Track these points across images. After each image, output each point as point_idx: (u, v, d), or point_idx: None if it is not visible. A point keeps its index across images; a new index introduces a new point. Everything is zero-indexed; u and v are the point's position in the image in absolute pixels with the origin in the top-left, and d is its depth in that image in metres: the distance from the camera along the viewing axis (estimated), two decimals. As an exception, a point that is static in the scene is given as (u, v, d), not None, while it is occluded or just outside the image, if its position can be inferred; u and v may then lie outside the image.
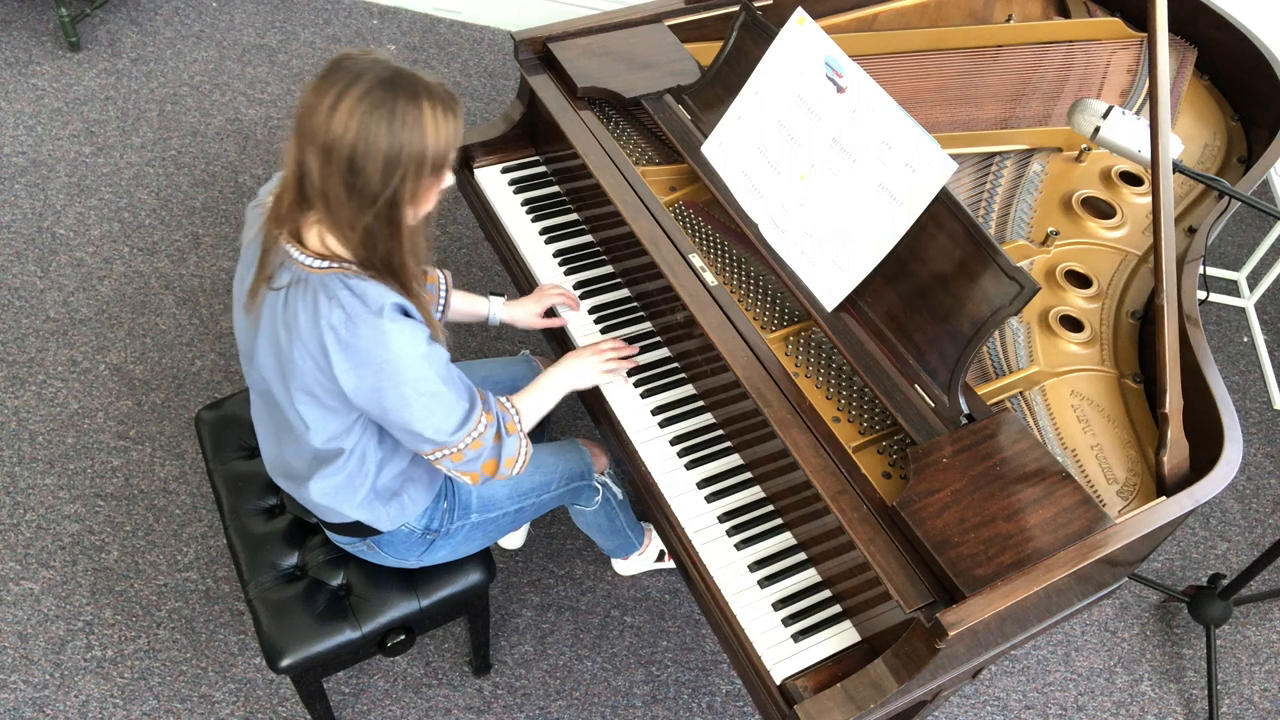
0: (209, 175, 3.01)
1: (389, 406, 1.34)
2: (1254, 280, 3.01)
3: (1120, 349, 1.71)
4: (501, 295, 1.86)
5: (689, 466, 1.67)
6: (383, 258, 1.30)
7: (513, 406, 1.55)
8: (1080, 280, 1.79)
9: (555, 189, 2.07)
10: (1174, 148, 1.71)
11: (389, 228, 1.27)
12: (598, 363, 1.71)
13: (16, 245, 2.77)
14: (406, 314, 1.33)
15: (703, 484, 1.65)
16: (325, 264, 1.30)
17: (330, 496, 1.50)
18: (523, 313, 1.83)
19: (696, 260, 1.70)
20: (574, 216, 2.03)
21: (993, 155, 1.97)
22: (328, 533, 1.68)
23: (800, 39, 1.61)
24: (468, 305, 1.82)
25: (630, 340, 1.82)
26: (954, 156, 1.42)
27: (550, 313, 1.86)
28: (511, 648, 2.17)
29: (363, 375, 1.31)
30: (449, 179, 1.32)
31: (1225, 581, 2.23)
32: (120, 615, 2.14)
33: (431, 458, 1.44)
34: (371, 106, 1.19)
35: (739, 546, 1.58)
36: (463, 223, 2.93)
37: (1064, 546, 1.33)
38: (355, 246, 1.29)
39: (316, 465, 1.47)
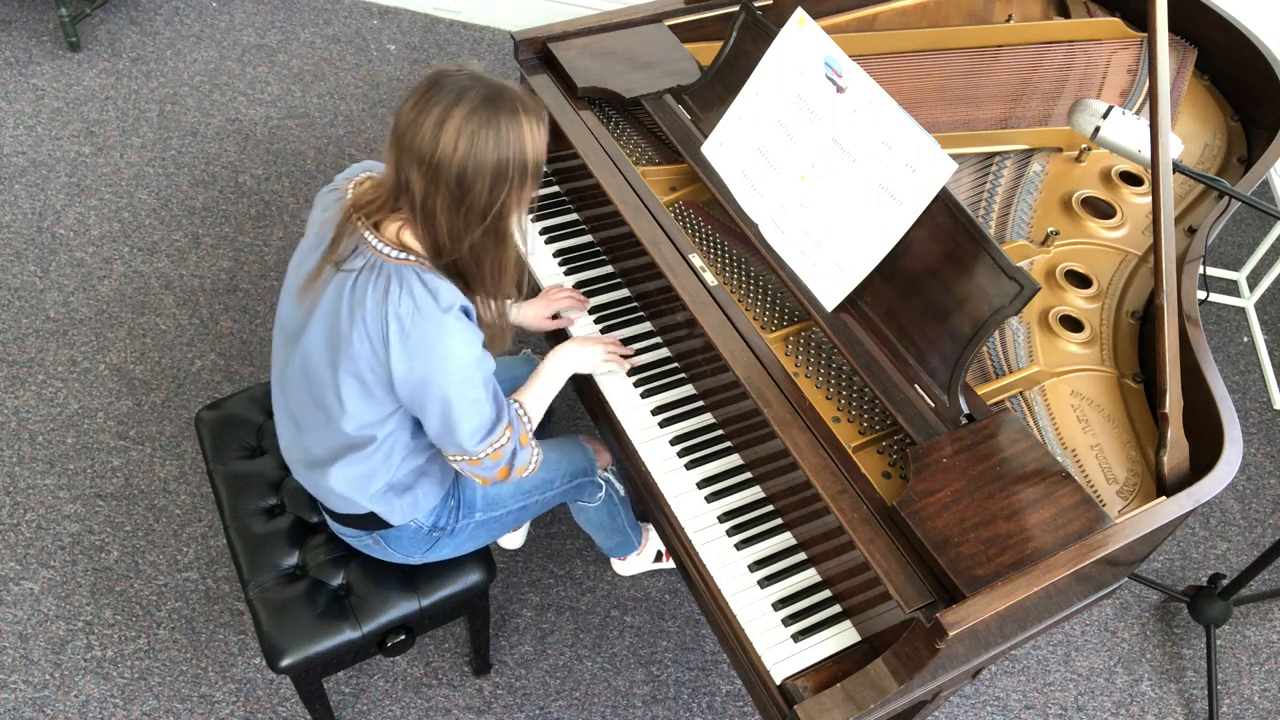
0: (209, 175, 3.01)
1: (430, 401, 1.38)
2: (1254, 280, 3.01)
3: (1120, 349, 1.71)
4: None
5: (689, 466, 1.67)
6: (490, 270, 1.37)
7: (525, 414, 1.58)
8: (1080, 280, 1.79)
9: (555, 189, 2.07)
10: (1174, 148, 1.71)
11: (495, 237, 1.35)
12: (600, 349, 1.73)
13: (16, 245, 2.77)
14: (470, 317, 1.39)
15: (703, 484, 1.65)
16: (403, 255, 1.35)
17: (349, 485, 1.52)
18: (530, 315, 1.85)
19: (696, 260, 1.70)
20: (574, 216, 2.03)
21: (993, 155, 1.97)
22: (334, 526, 1.68)
23: (800, 39, 1.61)
24: None
25: (630, 340, 1.82)
26: (954, 156, 1.42)
27: (555, 316, 1.87)
28: (511, 648, 2.17)
29: (414, 366, 1.35)
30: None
31: (1225, 581, 2.23)
32: (120, 615, 2.14)
33: (450, 457, 1.48)
34: (479, 125, 1.24)
35: (739, 546, 1.58)
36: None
37: (1064, 546, 1.33)
38: (458, 258, 1.34)
39: (342, 452, 1.50)
